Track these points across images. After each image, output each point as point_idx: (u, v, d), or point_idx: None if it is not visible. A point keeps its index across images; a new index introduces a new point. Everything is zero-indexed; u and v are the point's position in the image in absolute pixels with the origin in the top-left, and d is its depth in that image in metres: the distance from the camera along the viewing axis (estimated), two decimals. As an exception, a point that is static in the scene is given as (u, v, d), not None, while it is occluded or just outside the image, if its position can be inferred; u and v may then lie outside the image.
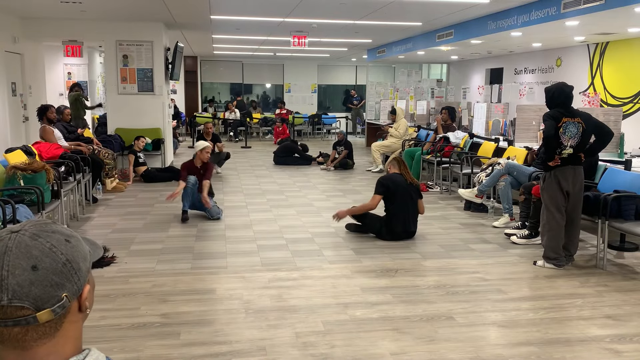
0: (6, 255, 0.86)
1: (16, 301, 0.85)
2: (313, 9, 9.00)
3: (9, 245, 0.87)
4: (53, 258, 0.89)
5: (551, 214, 4.84)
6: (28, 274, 0.86)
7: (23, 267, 0.86)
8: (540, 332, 3.56)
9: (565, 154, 4.74)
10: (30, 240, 0.88)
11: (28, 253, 0.87)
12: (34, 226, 0.91)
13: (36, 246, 0.88)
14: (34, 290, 0.86)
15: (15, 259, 0.86)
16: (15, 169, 5.17)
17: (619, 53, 10.56)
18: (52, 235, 0.91)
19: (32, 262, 0.87)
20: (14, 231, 0.89)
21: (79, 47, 12.29)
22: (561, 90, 4.79)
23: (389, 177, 5.90)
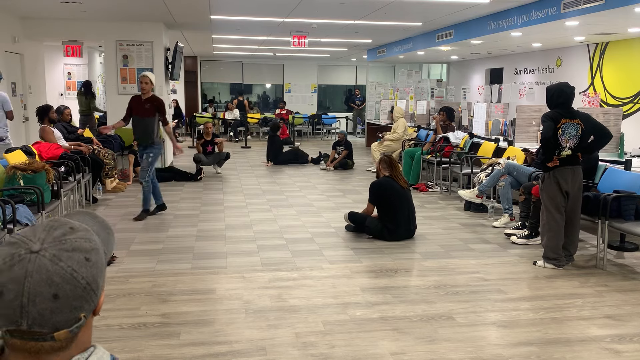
0: (26, 280, 0.84)
1: (36, 327, 0.85)
2: (313, 9, 9.00)
3: (29, 270, 0.84)
4: (74, 284, 0.87)
5: (551, 214, 4.84)
6: (49, 302, 0.85)
7: (44, 296, 0.84)
8: (540, 332, 3.56)
9: (564, 155, 4.74)
10: (51, 265, 0.85)
11: (49, 280, 0.84)
12: (53, 243, 0.87)
13: (57, 272, 0.85)
14: (55, 318, 0.85)
15: (36, 286, 0.84)
16: (15, 169, 5.17)
17: (619, 53, 10.56)
18: (73, 256, 0.87)
19: (53, 291, 0.85)
20: (33, 251, 0.85)
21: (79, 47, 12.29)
22: (561, 91, 4.79)
23: (382, 183, 5.81)
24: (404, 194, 5.79)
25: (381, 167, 5.97)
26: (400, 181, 5.83)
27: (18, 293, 0.83)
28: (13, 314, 0.84)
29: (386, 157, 6.02)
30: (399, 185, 5.78)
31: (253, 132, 18.13)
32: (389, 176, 5.85)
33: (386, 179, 5.83)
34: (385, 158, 6.01)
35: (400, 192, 5.75)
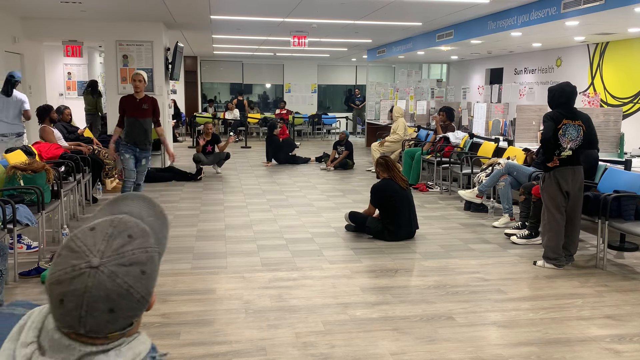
0: (85, 295, 0.89)
1: (92, 334, 0.91)
2: (313, 9, 9.00)
3: (88, 285, 0.89)
4: (129, 299, 0.92)
5: (551, 215, 4.84)
6: (105, 315, 0.90)
7: (101, 310, 0.90)
8: (540, 332, 3.56)
9: (564, 155, 4.74)
10: (109, 282, 0.90)
11: (107, 296, 0.89)
12: (114, 257, 0.91)
13: (114, 289, 0.90)
14: (110, 327, 0.92)
15: (94, 301, 0.89)
16: (15, 169, 5.17)
17: (619, 53, 10.56)
18: (130, 270, 0.92)
19: (110, 305, 0.90)
20: (93, 266, 0.90)
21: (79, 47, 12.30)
22: (562, 91, 4.79)
23: (382, 186, 5.79)
24: (405, 195, 5.78)
25: (379, 170, 5.95)
26: (399, 181, 5.82)
27: (77, 305, 0.89)
28: (72, 321, 0.90)
29: (382, 160, 5.96)
30: (399, 186, 5.77)
31: (253, 132, 18.13)
32: (388, 178, 5.83)
33: (386, 180, 5.82)
34: (381, 160, 5.95)
35: (401, 194, 5.74)
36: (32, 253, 5.10)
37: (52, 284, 0.90)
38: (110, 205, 1.10)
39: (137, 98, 6.20)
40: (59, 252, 0.93)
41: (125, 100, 6.28)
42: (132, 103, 6.21)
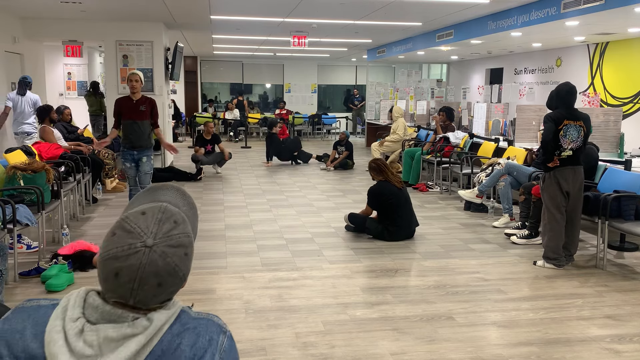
0: (139, 270, 1.03)
1: (140, 304, 1.05)
2: (313, 9, 9.00)
3: (143, 262, 1.03)
4: (174, 276, 1.07)
5: (551, 215, 4.84)
6: (154, 289, 1.05)
7: (151, 284, 1.04)
8: (540, 332, 3.56)
9: (564, 156, 4.74)
10: (160, 260, 1.04)
11: (157, 273, 1.04)
12: (164, 239, 1.06)
13: (164, 267, 1.05)
14: (155, 300, 1.06)
15: (146, 276, 1.03)
16: (15, 169, 5.17)
17: (619, 53, 10.56)
18: (177, 252, 1.07)
19: (158, 281, 1.05)
20: (147, 245, 1.04)
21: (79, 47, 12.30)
22: (557, 92, 4.81)
23: (379, 188, 5.78)
24: (403, 195, 5.78)
25: (372, 174, 5.93)
26: (394, 182, 5.78)
27: (131, 279, 1.03)
28: (124, 293, 1.04)
29: (373, 164, 5.94)
30: (396, 187, 5.75)
31: (253, 132, 18.13)
32: (383, 180, 5.82)
33: (382, 183, 5.80)
34: (373, 164, 5.94)
35: (398, 195, 5.73)
36: (32, 253, 5.10)
37: (109, 259, 1.04)
38: (149, 193, 1.23)
39: (134, 99, 5.92)
40: (112, 232, 1.07)
41: (121, 102, 6.00)
42: (129, 105, 5.92)
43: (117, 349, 1.02)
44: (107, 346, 1.02)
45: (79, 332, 1.03)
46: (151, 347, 1.04)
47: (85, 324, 1.03)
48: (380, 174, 5.84)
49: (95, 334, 1.02)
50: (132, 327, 1.03)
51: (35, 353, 1.04)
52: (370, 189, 5.85)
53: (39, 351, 1.04)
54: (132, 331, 1.03)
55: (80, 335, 1.02)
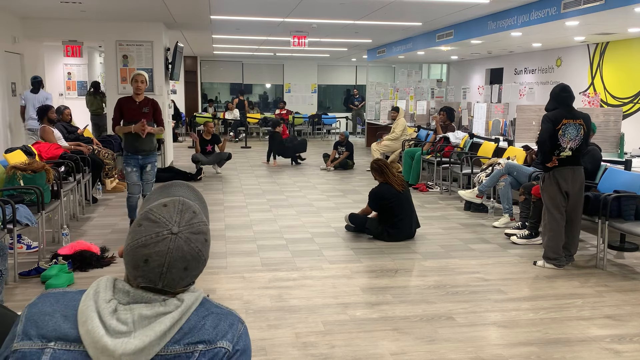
0: (167, 255, 1.14)
1: (166, 288, 1.16)
2: (313, 9, 9.00)
3: (170, 247, 1.14)
4: (198, 260, 1.19)
5: (551, 215, 4.84)
6: (181, 272, 1.16)
7: (178, 268, 1.15)
8: (540, 332, 3.56)
9: (563, 156, 4.74)
10: (185, 245, 1.15)
11: (183, 257, 1.15)
12: (187, 227, 1.17)
13: (189, 251, 1.16)
14: (181, 283, 1.17)
15: (174, 260, 1.14)
16: (15, 169, 5.17)
17: (619, 53, 10.56)
18: (199, 238, 1.18)
19: (184, 264, 1.16)
20: (173, 232, 1.15)
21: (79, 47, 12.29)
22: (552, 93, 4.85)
23: (380, 191, 5.77)
24: (405, 198, 5.75)
25: (374, 174, 5.91)
26: (395, 185, 5.74)
27: (160, 263, 1.14)
28: (154, 277, 1.14)
29: (375, 164, 5.92)
30: (396, 190, 5.73)
31: (253, 132, 18.13)
32: (384, 182, 5.80)
33: (383, 185, 5.77)
34: (375, 165, 5.92)
35: (400, 197, 5.71)
36: (32, 253, 5.10)
37: (138, 247, 1.14)
38: (162, 190, 1.34)
39: (137, 101, 5.57)
40: (138, 223, 1.17)
41: (123, 102, 5.59)
42: (132, 106, 5.55)
43: (151, 324, 1.12)
44: (141, 323, 1.12)
45: (112, 311, 1.12)
46: (181, 324, 1.15)
47: (117, 305, 1.13)
48: (382, 176, 5.82)
49: (129, 312, 1.13)
50: (165, 306, 1.14)
51: (67, 332, 1.12)
52: (372, 191, 5.83)
53: (72, 331, 1.12)
54: (165, 309, 1.14)
55: (114, 314, 1.12)
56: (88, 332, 1.10)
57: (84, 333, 1.11)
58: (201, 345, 1.15)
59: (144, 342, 1.10)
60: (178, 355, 1.13)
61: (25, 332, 1.14)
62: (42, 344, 1.12)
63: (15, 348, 1.13)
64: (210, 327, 1.18)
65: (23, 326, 1.16)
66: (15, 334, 1.16)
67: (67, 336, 1.12)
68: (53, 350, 1.11)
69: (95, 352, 1.10)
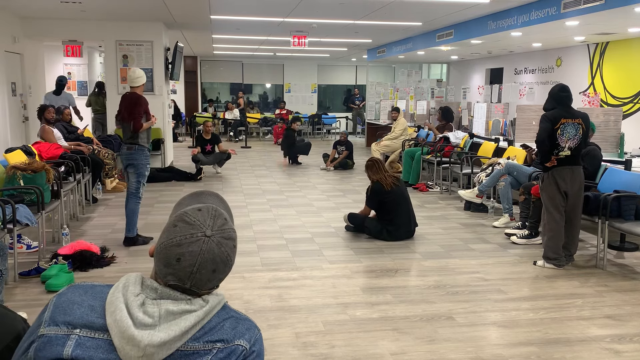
0: (199, 256, 1.20)
1: (194, 288, 1.21)
2: (313, 9, 9.00)
3: (203, 249, 1.20)
4: (226, 264, 1.25)
5: (550, 215, 4.84)
6: (209, 274, 1.22)
7: (207, 269, 1.21)
8: (540, 332, 3.56)
9: (562, 155, 4.74)
10: (216, 248, 1.22)
11: (213, 259, 1.22)
12: (219, 232, 1.23)
13: (219, 254, 1.23)
14: (208, 285, 1.23)
15: (204, 261, 1.20)
16: (15, 169, 5.17)
17: (619, 53, 10.56)
18: (228, 243, 1.25)
19: (214, 267, 1.22)
20: (206, 235, 1.21)
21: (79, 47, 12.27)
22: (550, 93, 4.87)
23: (375, 188, 5.76)
24: (401, 193, 5.76)
25: (368, 173, 5.89)
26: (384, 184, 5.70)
27: (192, 263, 1.20)
28: (183, 276, 1.20)
29: (369, 162, 5.94)
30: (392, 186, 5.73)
31: (253, 132, 18.13)
32: (377, 180, 5.80)
33: (377, 183, 5.77)
34: (369, 162, 5.93)
35: (396, 192, 5.72)
36: (32, 253, 5.10)
37: (172, 246, 1.20)
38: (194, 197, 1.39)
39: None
40: (173, 224, 1.23)
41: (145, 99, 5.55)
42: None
43: (176, 320, 1.18)
44: (166, 318, 1.17)
45: (140, 304, 1.18)
46: (203, 324, 1.21)
47: (145, 299, 1.19)
48: (375, 174, 5.83)
49: (156, 307, 1.18)
50: (190, 304, 1.20)
51: (93, 321, 1.18)
52: (368, 188, 5.85)
53: (98, 320, 1.18)
54: (190, 307, 1.20)
55: (141, 307, 1.18)
56: (116, 321, 1.15)
57: (111, 322, 1.16)
58: (219, 343, 1.21)
59: (169, 335, 1.15)
60: (197, 352, 1.19)
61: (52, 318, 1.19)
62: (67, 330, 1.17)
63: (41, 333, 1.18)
64: (229, 328, 1.24)
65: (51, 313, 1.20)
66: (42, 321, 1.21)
67: (92, 324, 1.17)
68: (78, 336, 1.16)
69: (121, 342, 1.14)
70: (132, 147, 5.34)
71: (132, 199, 5.45)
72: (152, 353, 1.15)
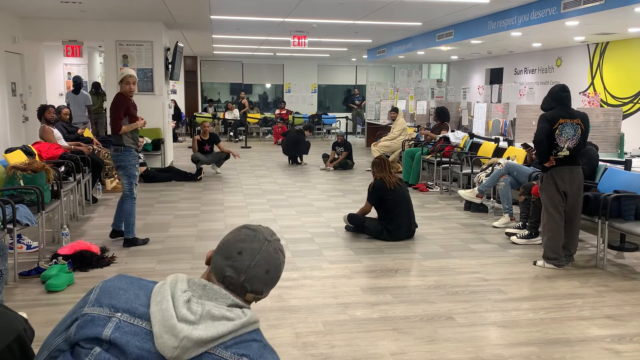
0: (258, 254, 1.35)
1: (246, 284, 1.34)
2: (313, 9, 9.00)
3: (262, 249, 1.36)
4: (276, 272, 1.39)
5: (550, 215, 4.84)
6: (262, 274, 1.36)
7: (262, 268, 1.36)
8: (540, 332, 3.56)
9: (561, 155, 4.74)
10: (273, 253, 1.38)
11: (269, 262, 1.37)
12: (276, 242, 1.41)
13: (274, 259, 1.38)
14: (259, 285, 1.36)
15: (261, 261, 1.35)
16: (15, 169, 5.17)
17: (619, 53, 10.56)
18: (281, 256, 1.41)
19: (267, 268, 1.37)
20: (267, 239, 1.38)
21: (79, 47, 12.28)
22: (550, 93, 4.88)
23: (378, 185, 5.78)
24: (402, 193, 5.78)
25: (374, 169, 5.92)
26: (387, 181, 5.74)
27: (250, 258, 1.35)
28: (240, 269, 1.33)
29: (377, 159, 5.99)
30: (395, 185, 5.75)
31: (253, 132, 18.13)
32: (380, 177, 5.82)
33: (379, 180, 5.80)
34: (377, 160, 5.98)
35: (397, 191, 5.74)
36: (32, 253, 5.10)
37: (237, 242, 1.36)
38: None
39: (131, 100, 5.56)
40: (238, 229, 1.40)
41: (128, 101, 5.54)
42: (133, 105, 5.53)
43: (215, 322, 1.25)
44: (207, 319, 1.25)
45: (186, 301, 1.26)
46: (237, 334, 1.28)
47: (191, 297, 1.28)
48: (380, 171, 5.86)
49: (200, 306, 1.26)
50: (231, 312, 1.29)
51: (136, 308, 1.26)
52: (371, 185, 5.87)
53: (141, 308, 1.26)
54: (230, 315, 1.28)
55: (186, 303, 1.25)
56: (161, 310, 1.23)
57: (155, 310, 1.24)
58: (246, 358, 1.27)
59: (206, 334, 1.22)
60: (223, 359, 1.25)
61: (97, 299, 1.28)
62: (110, 312, 1.25)
63: (85, 312, 1.26)
64: (257, 348, 1.31)
65: (97, 295, 1.29)
66: (87, 301, 1.29)
67: (135, 311, 1.25)
68: (119, 320, 1.23)
69: (161, 330, 1.21)
70: (118, 149, 5.38)
71: (128, 201, 5.44)
72: (187, 347, 1.20)
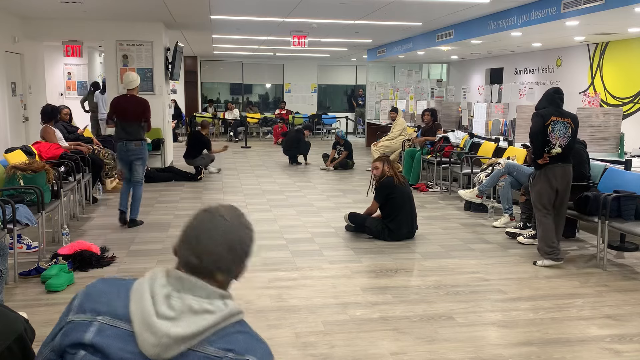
0: (217, 235, 1.32)
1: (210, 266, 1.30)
2: (313, 9, 9.00)
3: (219, 227, 1.32)
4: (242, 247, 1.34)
5: (539, 211, 4.93)
6: (225, 253, 1.31)
7: (222, 247, 1.32)
8: (540, 332, 3.56)
9: (554, 153, 4.80)
10: (235, 229, 1.34)
11: (229, 239, 1.33)
12: (237, 217, 1.37)
13: (236, 235, 1.34)
14: (221, 264, 1.31)
15: (219, 239, 1.31)
16: (15, 169, 5.17)
17: (619, 53, 10.56)
18: (245, 230, 1.37)
19: (229, 245, 1.32)
20: (225, 218, 1.33)
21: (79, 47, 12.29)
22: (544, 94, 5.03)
23: (387, 182, 5.78)
24: (407, 194, 5.79)
25: (385, 165, 5.92)
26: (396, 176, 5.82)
27: (208, 242, 1.30)
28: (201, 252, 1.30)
29: (385, 157, 6.06)
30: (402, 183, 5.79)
31: (253, 132, 18.13)
32: (390, 176, 5.84)
33: (389, 178, 5.81)
34: (386, 158, 6.03)
35: (402, 190, 5.75)
36: (32, 253, 5.10)
37: (193, 228, 1.31)
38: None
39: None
40: (195, 214, 1.36)
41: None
42: None
43: (195, 317, 1.23)
44: (187, 314, 1.23)
45: (165, 296, 1.25)
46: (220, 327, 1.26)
47: (171, 291, 1.26)
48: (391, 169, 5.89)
49: (180, 301, 1.25)
50: (211, 305, 1.26)
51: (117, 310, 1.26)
52: (382, 185, 5.83)
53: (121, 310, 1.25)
54: (211, 307, 1.26)
55: (166, 299, 1.24)
56: (139, 308, 1.23)
57: (134, 309, 1.24)
58: (231, 353, 1.24)
59: (186, 331, 1.21)
60: (209, 356, 1.23)
61: (80, 305, 1.29)
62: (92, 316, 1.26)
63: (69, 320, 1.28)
64: (243, 341, 1.28)
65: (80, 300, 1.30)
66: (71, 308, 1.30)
67: (115, 312, 1.25)
68: (100, 323, 1.24)
69: (141, 328, 1.21)
70: (140, 143, 6.00)
71: (140, 186, 6.13)
72: (167, 344, 1.20)
